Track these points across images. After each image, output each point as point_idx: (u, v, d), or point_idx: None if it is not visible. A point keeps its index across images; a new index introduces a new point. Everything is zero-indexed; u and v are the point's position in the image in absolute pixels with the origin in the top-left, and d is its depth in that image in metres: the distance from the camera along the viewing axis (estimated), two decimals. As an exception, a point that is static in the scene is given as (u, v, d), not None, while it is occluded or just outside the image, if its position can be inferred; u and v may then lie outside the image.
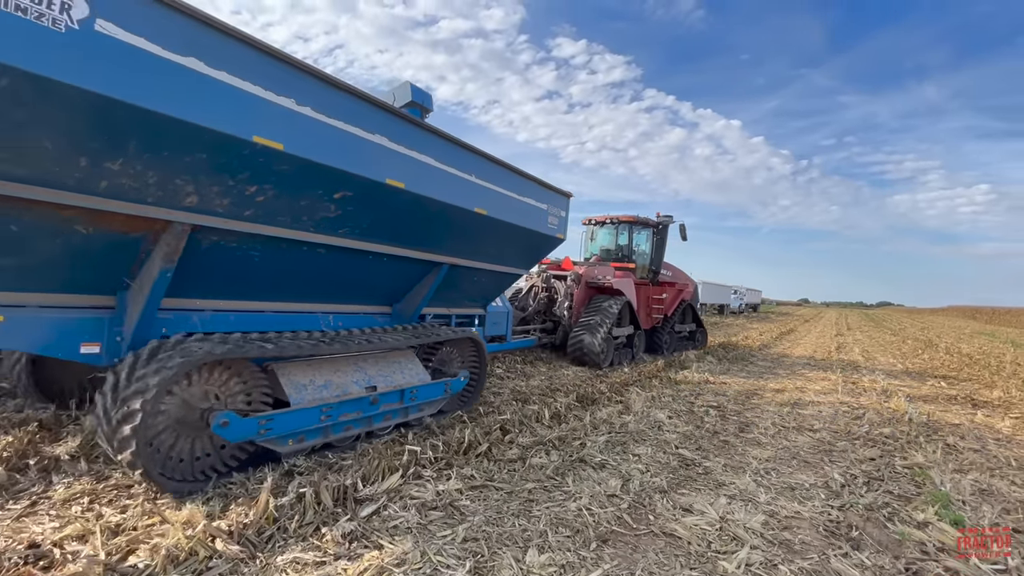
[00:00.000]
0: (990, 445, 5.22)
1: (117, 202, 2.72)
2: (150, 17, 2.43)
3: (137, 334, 3.16)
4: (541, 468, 3.74)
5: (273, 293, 4.03)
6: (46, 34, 2.12)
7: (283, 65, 3.02)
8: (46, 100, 2.22)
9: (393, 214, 4.07)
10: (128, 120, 2.44)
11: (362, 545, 2.57)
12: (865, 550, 2.88)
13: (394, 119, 3.81)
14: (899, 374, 10.24)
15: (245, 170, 3.01)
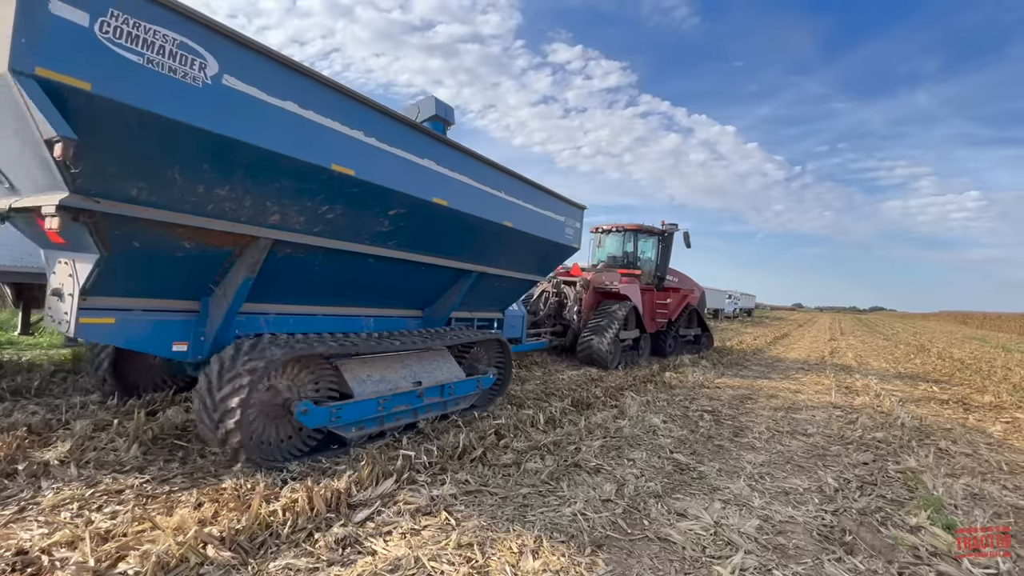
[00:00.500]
0: (982, 449, 5.25)
1: (219, 221, 3.26)
2: (262, 69, 3.03)
3: (218, 334, 3.69)
4: (536, 473, 3.73)
5: (326, 298, 4.57)
6: (188, 89, 2.69)
7: (355, 102, 3.62)
8: (183, 141, 2.77)
9: (435, 228, 4.65)
10: (239, 154, 3.01)
11: (355, 551, 2.55)
12: (858, 555, 2.88)
13: (440, 145, 4.45)
14: (892, 379, 10.31)
15: (321, 192, 3.58)
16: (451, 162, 4.53)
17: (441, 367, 4.98)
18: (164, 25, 2.59)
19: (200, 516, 2.62)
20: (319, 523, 2.74)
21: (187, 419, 4.21)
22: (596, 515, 3.11)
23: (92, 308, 3.19)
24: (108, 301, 3.27)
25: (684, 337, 12.74)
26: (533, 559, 2.58)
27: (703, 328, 13.57)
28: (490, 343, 5.99)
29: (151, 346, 3.57)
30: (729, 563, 2.65)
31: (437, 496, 3.21)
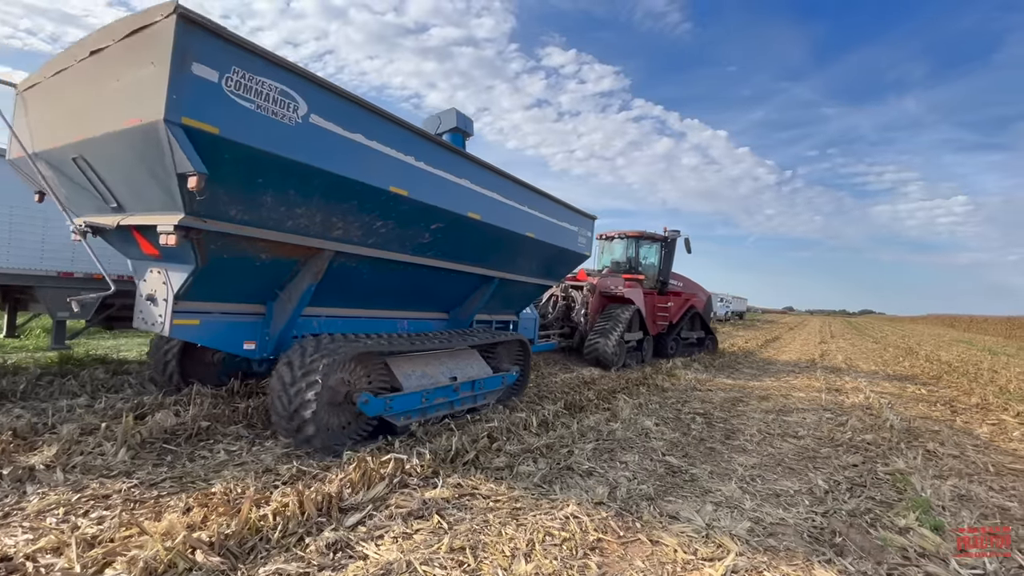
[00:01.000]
0: (968, 451, 5.31)
1: (294, 236, 3.83)
2: (339, 108, 3.60)
3: (282, 334, 4.26)
4: (528, 476, 3.73)
5: (369, 302, 5.15)
6: (284, 128, 3.23)
7: (408, 132, 4.20)
8: (278, 171, 3.33)
9: (468, 239, 5.22)
10: (318, 180, 3.56)
11: (346, 555, 2.53)
12: (848, 556, 2.91)
13: (474, 165, 5.01)
14: (881, 381, 10.41)
15: (377, 210, 4.14)
16: (483, 180, 5.12)
17: (472, 365, 5.48)
18: (269, 77, 3.17)
19: (189, 521, 2.59)
20: (310, 527, 2.72)
21: (177, 423, 4.17)
22: (588, 518, 3.11)
23: (182, 311, 3.75)
24: (194, 305, 3.81)
25: (687, 340, 13.08)
26: (525, 562, 2.58)
27: (707, 331, 13.79)
28: (512, 343, 6.52)
29: (226, 344, 4.15)
30: (721, 565, 2.66)
31: (429, 499, 3.20)
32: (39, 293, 5.95)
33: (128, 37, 3.05)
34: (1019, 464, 4.96)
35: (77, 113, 3.50)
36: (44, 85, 3.86)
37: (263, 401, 4.98)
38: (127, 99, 3.04)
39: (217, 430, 4.30)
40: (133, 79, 3.00)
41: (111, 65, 3.21)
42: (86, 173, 3.63)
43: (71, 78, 3.58)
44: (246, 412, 4.71)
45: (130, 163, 3.27)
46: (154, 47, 2.86)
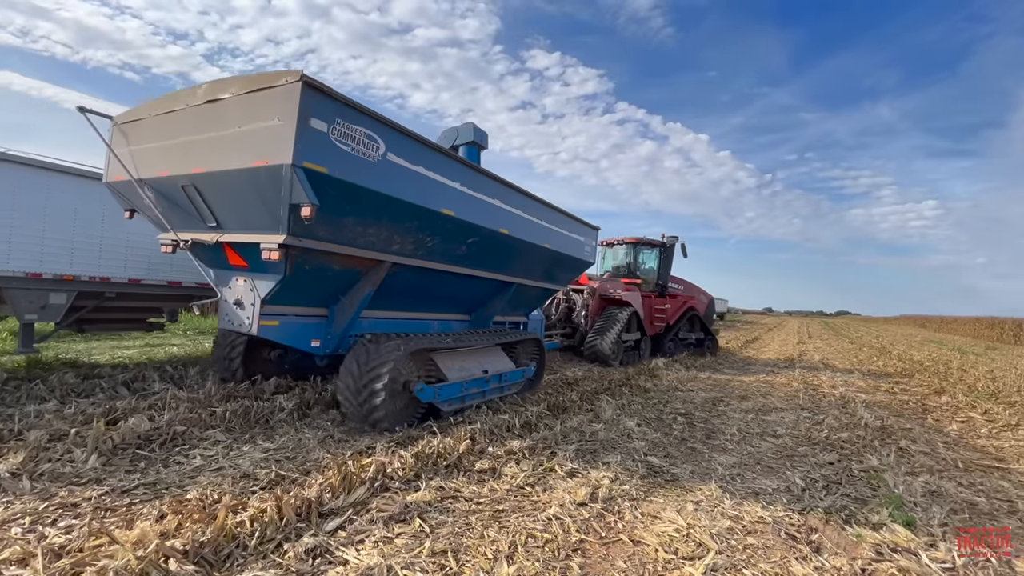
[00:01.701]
0: (939, 448, 5.47)
1: (362, 250, 4.59)
2: (407, 146, 4.38)
3: (342, 334, 5.03)
4: (511, 478, 3.73)
5: (409, 305, 5.93)
6: (369, 164, 3.97)
7: (455, 162, 5.07)
8: (362, 199, 4.06)
9: (496, 251, 5.99)
10: (389, 205, 4.31)
11: (326, 561, 2.50)
12: (824, 552, 2.96)
13: (505, 187, 5.81)
14: (856, 381, 10.66)
15: (429, 228, 4.91)
16: (510, 199, 5.95)
17: (498, 360, 6.30)
18: (360, 124, 3.93)
19: (162, 528, 2.52)
20: (288, 533, 2.67)
21: (151, 427, 4.07)
22: (571, 519, 3.11)
23: (267, 314, 4.44)
24: (276, 309, 4.53)
25: (685, 340, 13.60)
26: (507, 564, 2.57)
27: (707, 333, 14.11)
28: (529, 341, 7.28)
29: (298, 342, 4.84)
30: (701, 564, 2.69)
31: (411, 503, 3.17)
32: (6, 294, 5.75)
33: (249, 93, 3.78)
34: (987, 460, 5.12)
35: (191, 149, 4.16)
36: (148, 122, 4.52)
37: (242, 405, 4.90)
38: (252, 144, 3.74)
39: (194, 435, 4.21)
40: (257, 128, 3.72)
41: (229, 114, 3.91)
42: (192, 198, 4.31)
43: (181, 120, 4.24)
44: (224, 416, 4.61)
45: (243, 193, 3.97)
46: (280, 105, 3.58)
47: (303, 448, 4.17)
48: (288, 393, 5.78)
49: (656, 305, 12.59)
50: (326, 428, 4.80)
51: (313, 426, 4.86)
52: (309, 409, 5.28)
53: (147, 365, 7.06)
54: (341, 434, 4.62)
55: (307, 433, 4.60)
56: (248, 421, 4.70)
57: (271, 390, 5.90)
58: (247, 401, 5.12)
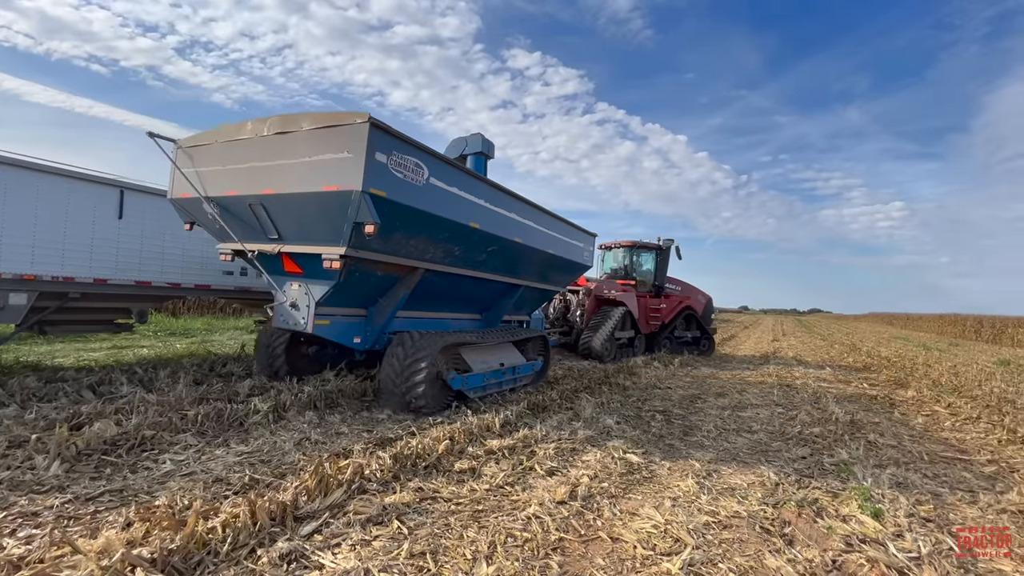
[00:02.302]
0: (905, 441, 5.65)
1: (403, 258, 5.28)
2: (446, 171, 5.09)
3: (379, 331, 5.72)
4: (491, 478, 3.72)
5: (433, 306, 6.65)
6: (415, 188, 4.64)
7: (481, 182, 5.83)
8: (409, 217, 4.74)
9: (509, 257, 6.73)
10: (430, 221, 5.01)
11: (301, 566, 2.45)
12: (797, 545, 3.03)
13: (519, 201, 6.55)
14: (827, 377, 10.95)
15: (458, 239, 5.61)
16: (523, 212, 6.69)
17: (512, 354, 7.08)
18: (410, 154, 4.64)
19: (128, 537, 2.44)
20: (262, 538, 2.61)
21: (118, 432, 3.93)
22: (550, 518, 3.12)
23: (320, 314, 5.15)
24: (327, 310, 5.24)
25: (680, 339, 14.05)
26: (487, 565, 2.56)
27: (703, 332, 14.42)
28: (537, 339, 8.04)
29: (343, 338, 5.52)
30: (678, 559, 2.72)
31: (389, 505, 3.13)
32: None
33: (319, 129, 4.46)
34: (950, 452, 5.31)
35: (260, 173, 4.84)
36: (215, 147, 5.19)
37: (215, 407, 4.78)
38: (322, 172, 4.43)
39: (163, 439, 4.08)
40: (328, 159, 4.40)
41: (299, 145, 4.58)
42: (258, 214, 5.01)
43: (249, 147, 4.92)
44: (196, 419, 4.49)
45: (309, 211, 4.68)
46: (349, 140, 4.28)
47: (278, 451, 4.09)
48: (263, 395, 5.66)
49: (651, 305, 13.17)
50: (302, 430, 4.71)
51: (289, 428, 4.76)
52: (285, 411, 5.18)
53: (114, 368, 6.82)
54: (318, 436, 4.54)
55: (283, 435, 4.51)
56: (221, 424, 4.58)
57: (245, 392, 5.77)
58: (220, 403, 4.99)
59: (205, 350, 9.29)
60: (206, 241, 7.55)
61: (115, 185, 6.47)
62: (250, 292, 8.33)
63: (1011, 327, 28.68)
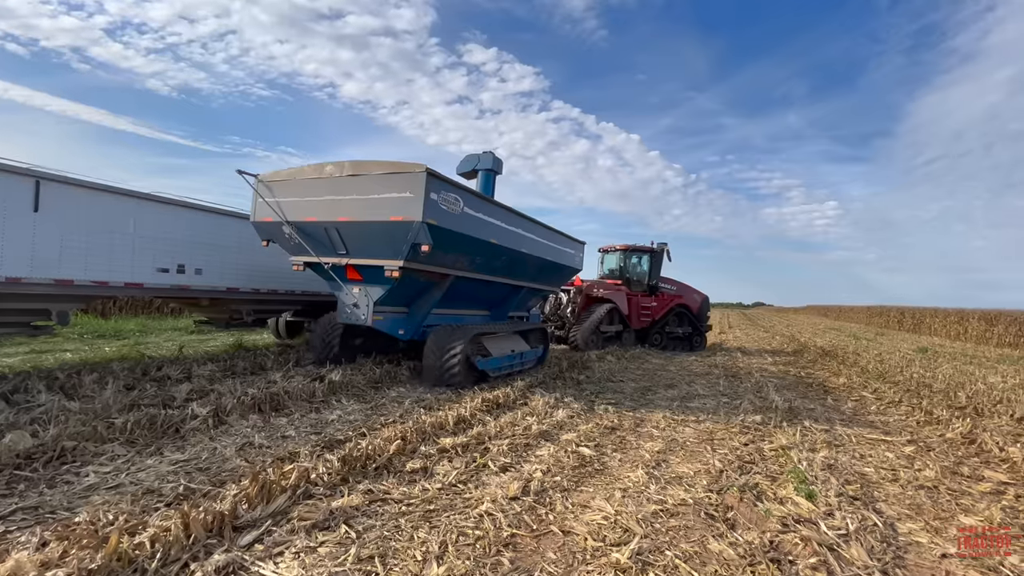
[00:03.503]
0: (837, 425, 6.03)
1: (440, 267, 6.71)
2: (475, 201, 6.66)
3: (417, 325, 7.23)
4: (443, 476, 3.67)
5: (456, 305, 8.11)
6: (454, 216, 6.11)
7: (499, 208, 7.36)
8: (450, 238, 6.18)
9: (517, 264, 8.33)
10: (464, 240, 6.49)
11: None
12: (738, 528, 3.16)
13: (525, 220, 8.12)
14: (769, 367, 11.54)
15: (480, 252, 7.10)
16: (528, 228, 8.28)
17: (518, 343, 8.84)
18: (452, 192, 6.09)
19: (43, 558, 2.23)
20: (196, 552, 2.46)
21: (34, 444, 3.61)
22: (502, 514, 3.11)
23: (377, 312, 6.66)
24: (382, 308, 6.76)
25: (672, 334, 14.92)
26: (437, 565, 2.52)
27: (695, 329, 15.20)
28: (539, 330, 10.01)
29: (392, 330, 7.08)
30: (627, 549, 2.78)
31: (337, 509, 3.03)
32: None
33: (388, 174, 5.90)
34: (875, 434, 5.71)
35: (336, 205, 6.29)
36: (294, 182, 6.67)
37: (147, 413, 4.48)
38: (389, 206, 5.86)
39: (87, 450, 3.77)
40: (392, 196, 5.86)
41: (371, 185, 6.03)
42: (331, 236, 6.50)
43: (326, 184, 6.37)
44: (125, 427, 4.19)
45: (376, 235, 6.11)
46: (411, 184, 5.75)
47: (218, 458, 3.87)
48: (203, 399, 5.36)
49: (643, 303, 14.35)
50: (246, 434, 4.50)
51: (231, 433, 4.53)
52: (227, 415, 4.92)
53: (31, 374, 6.26)
54: (262, 440, 4.34)
55: (224, 441, 4.28)
56: (154, 431, 4.29)
57: (183, 396, 5.44)
58: (153, 409, 4.69)
59: (138, 353, 8.69)
60: (136, 236, 7.06)
61: (29, 175, 5.91)
62: (188, 290, 7.86)
63: (928, 317, 31.22)
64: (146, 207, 7.25)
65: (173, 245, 7.57)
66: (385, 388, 6.79)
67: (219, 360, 7.93)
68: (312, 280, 9.93)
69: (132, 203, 7.06)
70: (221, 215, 8.44)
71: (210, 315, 9.57)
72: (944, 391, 8.34)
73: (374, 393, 6.48)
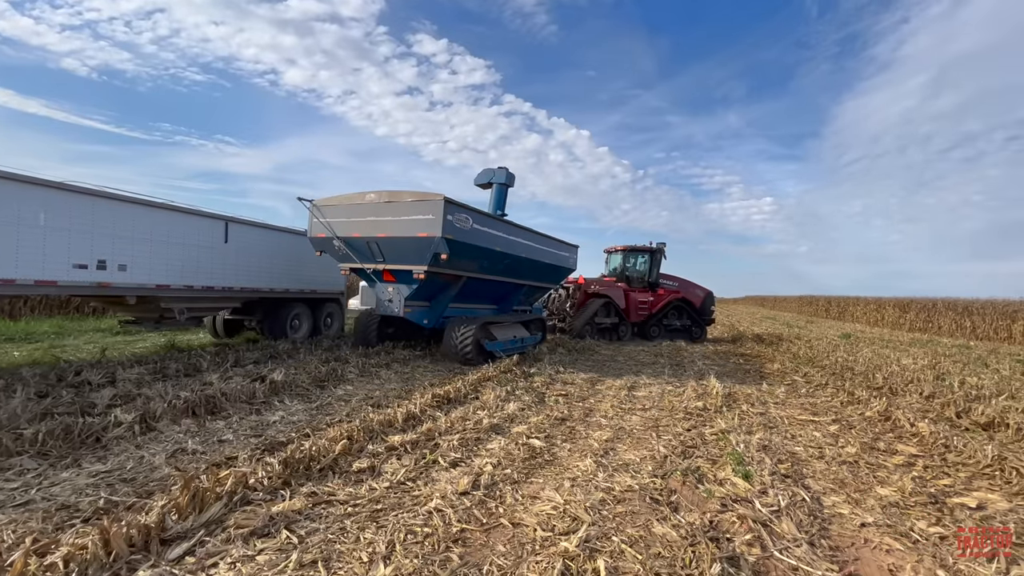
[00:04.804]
0: (771, 408, 6.40)
1: (454, 270, 8.72)
2: (483, 219, 8.75)
3: (438, 316, 9.38)
4: (391, 475, 3.59)
5: (468, 300, 9.98)
6: (465, 231, 8.17)
7: (502, 222, 9.55)
8: (463, 248, 8.24)
9: (519, 266, 10.11)
10: (474, 249, 8.54)
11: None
12: (681, 511, 3.29)
13: (525, 231, 10.02)
14: (711, 355, 12.10)
15: (486, 258, 9.05)
16: (528, 237, 10.19)
17: (520, 330, 10.74)
18: (463, 212, 8.08)
19: (-68, 588, 2.00)
20: (118, 569, 2.28)
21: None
22: (452, 510, 3.08)
23: (407, 305, 8.71)
24: (410, 303, 8.75)
25: (669, 326, 16.00)
26: (384, 566, 2.46)
27: (693, 322, 16.23)
28: (537, 320, 12.12)
29: (418, 320, 9.08)
30: (575, 537, 2.82)
31: (277, 514, 2.90)
32: None
33: (416, 201, 7.86)
34: (804, 415, 6.11)
35: (376, 224, 8.28)
36: (341, 206, 8.69)
37: (62, 422, 4.12)
38: (417, 225, 7.80)
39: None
40: (419, 218, 7.79)
41: (402, 209, 7.99)
42: (371, 247, 8.47)
43: (367, 208, 8.39)
44: (36, 438, 3.83)
45: (407, 246, 8.03)
46: (432, 208, 7.66)
47: (145, 467, 3.61)
48: (128, 404, 4.98)
49: (640, 298, 15.49)
50: (177, 440, 4.22)
51: (161, 440, 4.24)
52: (156, 420, 4.60)
53: (-76, 383, 5.60)
54: (196, 445, 4.10)
55: (152, 448, 4.00)
56: (71, 441, 3.95)
57: (105, 403, 5.03)
58: (70, 418, 4.31)
59: (52, 357, 7.97)
60: (48, 230, 6.45)
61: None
62: (111, 288, 7.27)
63: (851, 305, 33.80)
64: (59, 197, 6.63)
65: (92, 239, 6.97)
66: (331, 387, 6.58)
67: (148, 362, 7.40)
68: (254, 275, 9.50)
69: (41, 192, 6.43)
70: (149, 207, 7.85)
71: (138, 314, 8.91)
72: (864, 373, 9.05)
73: (319, 392, 6.26)
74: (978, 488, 3.92)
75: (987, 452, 4.50)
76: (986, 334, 20.97)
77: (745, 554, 2.76)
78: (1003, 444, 5.01)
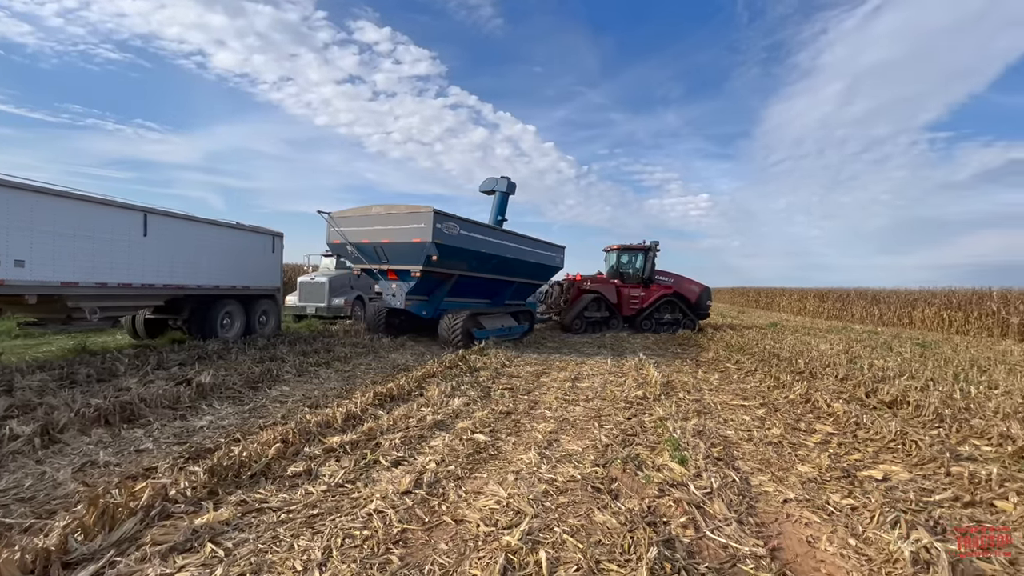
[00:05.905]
0: (706, 396, 6.73)
1: (447, 269, 10.58)
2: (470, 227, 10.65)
3: (435, 307, 11.19)
4: (329, 477, 3.45)
5: (463, 295, 11.81)
6: (454, 236, 10.10)
7: (487, 228, 11.50)
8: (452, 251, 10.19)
9: (508, 265, 12.05)
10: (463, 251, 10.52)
11: (70, 623, 1.97)
12: (621, 498, 3.38)
13: (513, 235, 12.26)
14: (651, 346, 12.55)
15: (475, 258, 10.99)
16: (512, 240, 11.99)
17: (508, 320, 12.59)
18: (451, 221, 9.94)
19: None
20: (9, 600, 2.04)
21: None
22: (393, 511, 3.01)
23: (407, 299, 10.60)
24: (410, 297, 10.64)
25: (660, 320, 16.64)
26: (319, 573, 2.36)
27: (685, 315, 16.97)
28: (525, 311, 13.97)
29: (418, 311, 11.04)
30: (518, 530, 2.82)
31: (201, 526, 2.70)
32: None
33: (411, 212, 9.74)
34: (736, 401, 6.46)
35: (381, 232, 10.16)
36: (353, 217, 10.58)
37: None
38: (412, 232, 9.68)
39: None
40: (413, 226, 9.67)
41: (400, 220, 9.91)
42: (378, 251, 10.33)
43: (373, 219, 10.31)
44: (-90, 458, 3.36)
45: (405, 250, 9.89)
46: (424, 218, 9.50)
47: (47, 483, 3.27)
48: (27, 414, 4.49)
49: (632, 293, 16.41)
50: (87, 452, 3.86)
51: (67, 453, 3.86)
52: (61, 432, 4.17)
53: None
54: (110, 456, 3.76)
55: (56, 462, 3.63)
56: None
57: (1, 412, 4.51)
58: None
59: (-63, 364, 7.05)
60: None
61: None
62: (4, 286, 6.51)
63: (778, 296, 36.25)
64: (-62, 183, 5.84)
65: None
66: (266, 388, 6.25)
67: (53, 368, 6.72)
68: (179, 271, 8.81)
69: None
70: (52, 196, 7.09)
71: (41, 315, 8.03)
72: (788, 359, 9.70)
73: (253, 394, 5.93)
74: (884, 461, 4.30)
75: (891, 428, 4.95)
76: (891, 320, 23.15)
77: (680, 536, 2.88)
78: (904, 420, 5.53)
